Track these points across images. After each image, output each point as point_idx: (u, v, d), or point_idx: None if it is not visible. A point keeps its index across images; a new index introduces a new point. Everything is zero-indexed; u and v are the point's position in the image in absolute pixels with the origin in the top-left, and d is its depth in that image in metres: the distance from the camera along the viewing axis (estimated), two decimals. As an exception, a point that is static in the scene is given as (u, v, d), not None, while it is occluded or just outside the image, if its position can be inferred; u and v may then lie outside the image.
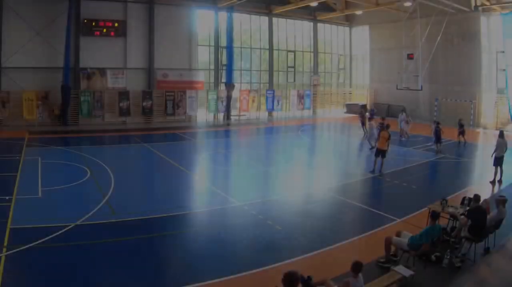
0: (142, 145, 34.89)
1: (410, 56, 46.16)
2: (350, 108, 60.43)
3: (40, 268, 12.69)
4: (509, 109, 47.16)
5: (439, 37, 44.99)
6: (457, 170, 29.08)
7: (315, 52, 60.87)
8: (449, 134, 37.10)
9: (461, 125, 36.22)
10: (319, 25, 60.87)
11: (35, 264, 12.90)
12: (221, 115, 51.14)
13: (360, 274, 10.21)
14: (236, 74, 52.18)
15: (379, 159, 25.85)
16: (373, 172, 25.78)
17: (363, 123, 37.86)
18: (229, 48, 50.02)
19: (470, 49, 49.44)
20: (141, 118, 46.10)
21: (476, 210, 14.43)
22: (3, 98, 40.04)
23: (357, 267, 10.16)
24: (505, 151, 24.46)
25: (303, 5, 51.82)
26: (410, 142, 36.88)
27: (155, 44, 46.95)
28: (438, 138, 32.49)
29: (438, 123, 33.23)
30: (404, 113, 41.26)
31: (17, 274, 12.37)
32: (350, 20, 63.16)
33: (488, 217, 14.57)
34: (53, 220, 16.20)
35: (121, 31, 44.81)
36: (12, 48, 40.31)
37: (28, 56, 40.77)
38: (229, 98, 50.01)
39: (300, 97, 57.32)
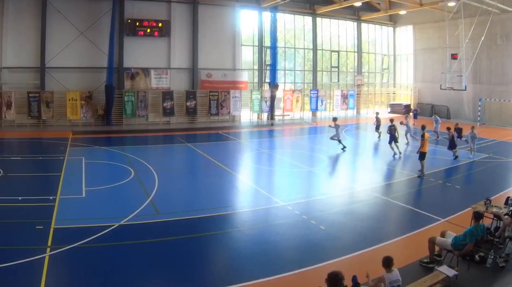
0: (186, 144, 33.51)
1: (454, 56, 43.85)
2: (394, 108, 57.31)
3: (83, 268, 12.31)
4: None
5: (483, 37, 42.05)
6: (501, 170, 27.09)
7: (359, 52, 57.65)
8: (492, 134, 34.88)
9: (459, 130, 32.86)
10: (363, 25, 57.72)
11: (78, 264, 12.54)
12: (265, 115, 48.94)
13: (394, 268, 9.95)
14: (280, 74, 49.51)
15: (424, 161, 24.29)
16: (422, 175, 24.03)
17: (378, 127, 35.34)
18: (273, 48, 47.37)
19: (515, 49, 46.32)
20: (185, 118, 43.95)
21: (520, 209, 13.95)
22: (47, 98, 38.47)
23: (387, 262, 9.89)
24: None
25: (347, 5, 48.95)
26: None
27: (199, 44, 44.80)
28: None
29: (448, 128, 30.23)
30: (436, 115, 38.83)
31: (61, 274, 12.06)
32: (394, 20, 59.65)
33: (532, 216, 14.00)
34: (97, 220, 15.88)
35: (164, 31, 42.79)
36: (56, 48, 38.86)
37: (71, 56, 39.36)
38: (273, 98, 47.58)
39: (344, 97, 54.37)
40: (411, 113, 50.64)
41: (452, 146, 28.88)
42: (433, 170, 25.21)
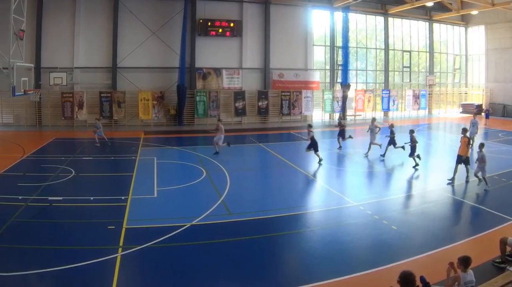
0: (258, 144, 30.25)
1: (525, 56, 38.21)
2: (466, 108, 50.72)
3: (155, 268, 11.07)
4: None
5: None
6: None
7: (431, 52, 51.01)
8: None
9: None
10: (435, 25, 51.11)
11: (150, 264, 11.31)
12: (336, 115, 43.32)
13: (470, 269, 8.88)
14: (351, 74, 44.46)
15: (461, 166, 20.14)
16: (452, 180, 19.87)
17: (341, 133, 28.33)
18: (345, 48, 42.30)
19: None
20: (256, 118, 39.62)
21: None
22: (119, 98, 35.32)
23: (465, 262, 8.80)
24: None
25: (419, 5, 43.26)
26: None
27: (271, 44, 40.19)
28: None
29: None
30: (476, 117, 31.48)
31: (132, 274, 10.96)
32: (465, 20, 52.68)
33: None
34: (168, 220, 14.56)
35: (236, 31, 38.51)
36: (128, 48, 35.93)
37: (143, 56, 36.31)
38: (344, 98, 42.57)
39: (416, 97, 48.32)
40: (482, 114, 45.06)
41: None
42: (506, 169, 22.10)
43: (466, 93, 54.10)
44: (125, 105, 35.42)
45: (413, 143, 22.67)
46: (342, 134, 27.71)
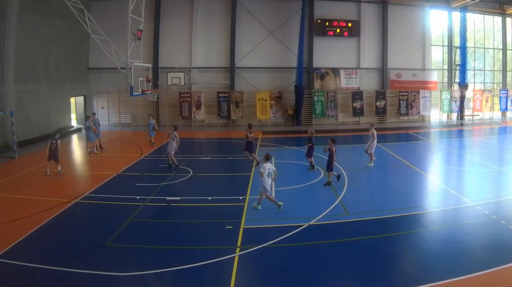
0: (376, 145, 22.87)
1: None
2: None
3: (272, 268, 8.94)
4: None
5: None
6: None
7: (550, 52, 39.79)
8: None
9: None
10: (554, 24, 39.55)
11: (267, 264, 9.13)
12: (454, 115, 34.01)
13: None
14: (469, 74, 34.27)
15: None
16: None
17: (248, 147, 18.60)
18: (463, 48, 32.41)
19: None
20: (374, 118, 30.66)
21: None
22: (237, 98, 28.43)
23: None
24: None
25: (537, 4, 32.07)
26: None
27: (388, 44, 31.24)
28: None
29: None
30: None
31: (250, 274, 8.89)
32: None
33: None
34: (286, 220, 11.51)
35: (354, 31, 30.15)
36: (245, 48, 29.27)
37: (260, 56, 29.34)
38: (462, 98, 32.83)
39: (534, 98, 37.18)
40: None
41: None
42: None
43: None
44: (243, 105, 28.58)
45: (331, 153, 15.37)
46: (248, 148, 18.51)
